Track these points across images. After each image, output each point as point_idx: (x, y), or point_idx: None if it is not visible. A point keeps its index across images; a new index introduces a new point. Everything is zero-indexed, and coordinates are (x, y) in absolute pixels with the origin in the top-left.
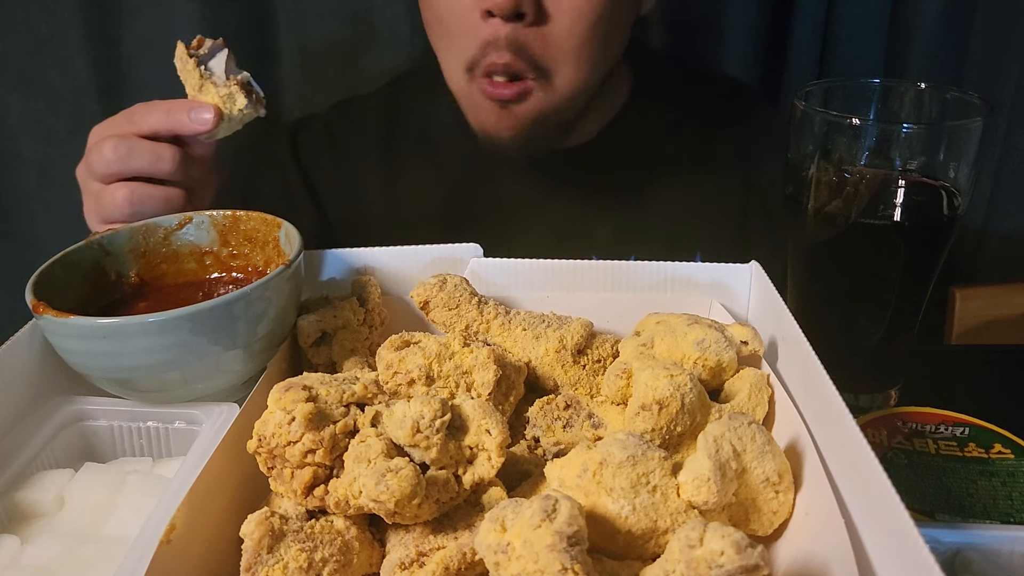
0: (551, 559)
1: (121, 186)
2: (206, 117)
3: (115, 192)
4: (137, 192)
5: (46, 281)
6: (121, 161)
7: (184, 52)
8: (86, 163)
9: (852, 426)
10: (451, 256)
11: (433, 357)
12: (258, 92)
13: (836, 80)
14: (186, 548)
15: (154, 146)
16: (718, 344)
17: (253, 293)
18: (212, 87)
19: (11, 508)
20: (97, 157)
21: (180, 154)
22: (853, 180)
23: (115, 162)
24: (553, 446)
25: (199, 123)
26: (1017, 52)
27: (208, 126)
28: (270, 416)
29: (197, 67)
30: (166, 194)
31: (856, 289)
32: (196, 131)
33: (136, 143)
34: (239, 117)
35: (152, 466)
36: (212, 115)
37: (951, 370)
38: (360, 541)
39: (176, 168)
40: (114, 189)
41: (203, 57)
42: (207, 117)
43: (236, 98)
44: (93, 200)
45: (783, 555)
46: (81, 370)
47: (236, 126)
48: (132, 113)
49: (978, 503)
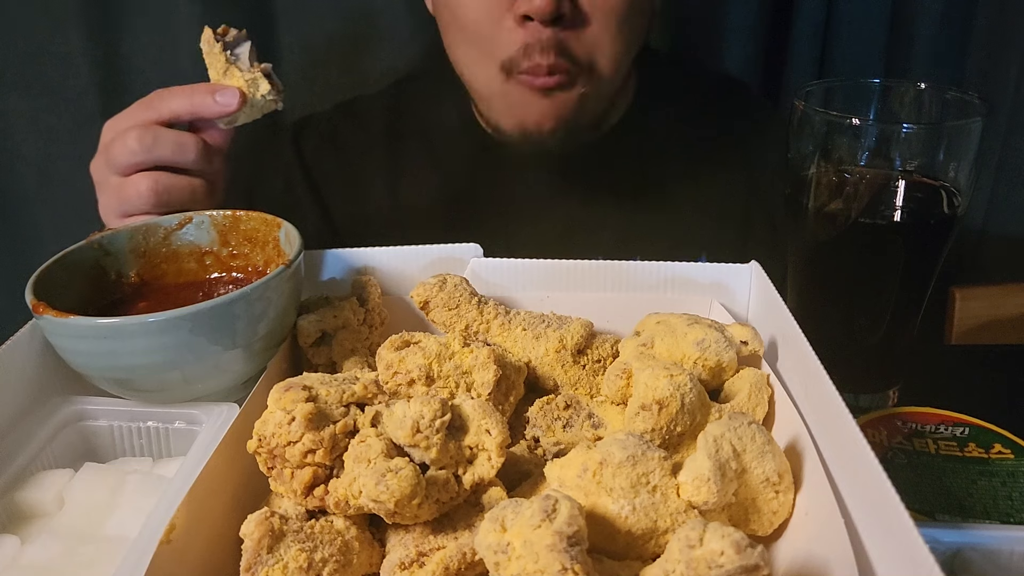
0: (551, 559)
1: (144, 176)
2: (231, 100)
3: (139, 183)
4: (162, 182)
5: (46, 281)
6: (146, 151)
7: (211, 36)
8: (105, 157)
9: (852, 426)
10: (451, 256)
11: (433, 357)
12: (278, 84)
13: (836, 80)
14: (186, 548)
15: (178, 135)
16: (718, 344)
17: (253, 293)
18: (237, 72)
19: (11, 508)
20: (121, 148)
21: (203, 143)
22: (853, 180)
23: (140, 152)
24: (553, 446)
25: (224, 105)
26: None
27: (233, 107)
28: (270, 416)
29: (223, 51)
30: (191, 184)
31: (856, 289)
32: (220, 113)
33: (160, 132)
34: (261, 103)
35: (152, 466)
36: (237, 98)
37: (951, 370)
38: (360, 541)
39: (200, 157)
40: (137, 180)
41: (229, 44)
42: (231, 100)
43: (260, 83)
44: (113, 195)
45: (783, 555)
46: (81, 370)
47: (257, 113)
48: (151, 101)
49: (978, 503)
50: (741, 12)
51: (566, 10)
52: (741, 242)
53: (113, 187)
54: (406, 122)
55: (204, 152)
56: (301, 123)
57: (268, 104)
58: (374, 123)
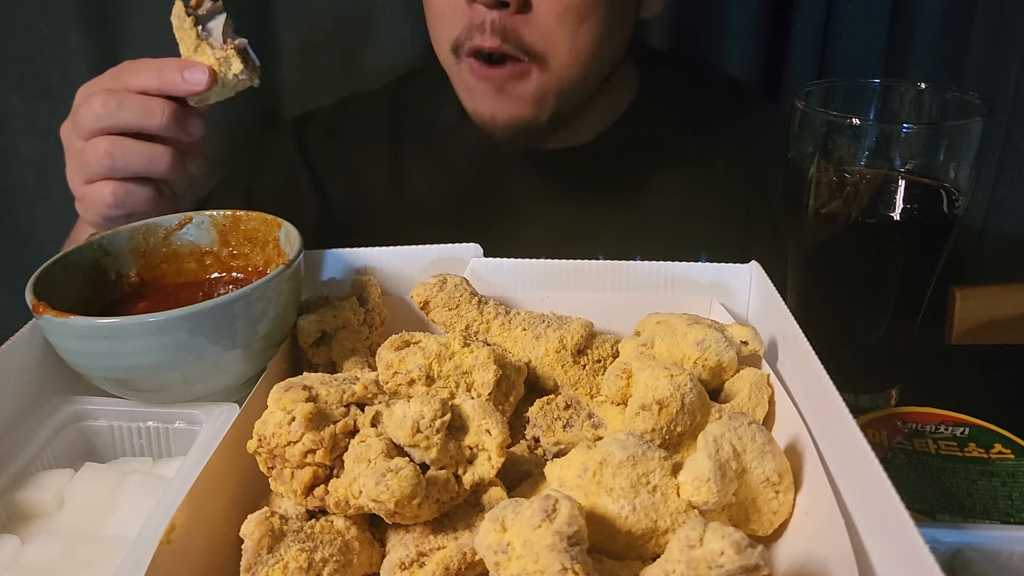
0: (551, 559)
1: (104, 139)
2: (199, 78)
3: (96, 146)
4: (120, 144)
5: (46, 281)
6: (109, 115)
7: (182, 10)
8: (72, 120)
9: (852, 426)
10: (451, 256)
11: (433, 357)
12: (254, 61)
13: (836, 80)
14: (186, 548)
15: (145, 100)
16: (718, 344)
17: (253, 293)
18: (208, 49)
19: (11, 508)
20: (86, 112)
21: (173, 109)
22: (853, 180)
23: (104, 116)
24: (553, 446)
25: (192, 84)
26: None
27: (201, 87)
28: (270, 416)
29: (195, 26)
30: (151, 150)
31: (856, 289)
32: (188, 92)
33: (126, 97)
34: (233, 83)
35: (152, 466)
36: (206, 77)
37: (951, 370)
38: (360, 541)
39: (168, 123)
40: (96, 143)
41: (201, 18)
42: (200, 78)
43: (232, 62)
44: (76, 159)
45: (783, 555)
46: (81, 370)
47: (229, 92)
48: (120, 72)
49: (978, 503)
50: (741, 12)
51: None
52: (742, 242)
53: (76, 151)
54: (408, 118)
55: (175, 118)
56: (303, 117)
57: (241, 83)
58: (376, 118)
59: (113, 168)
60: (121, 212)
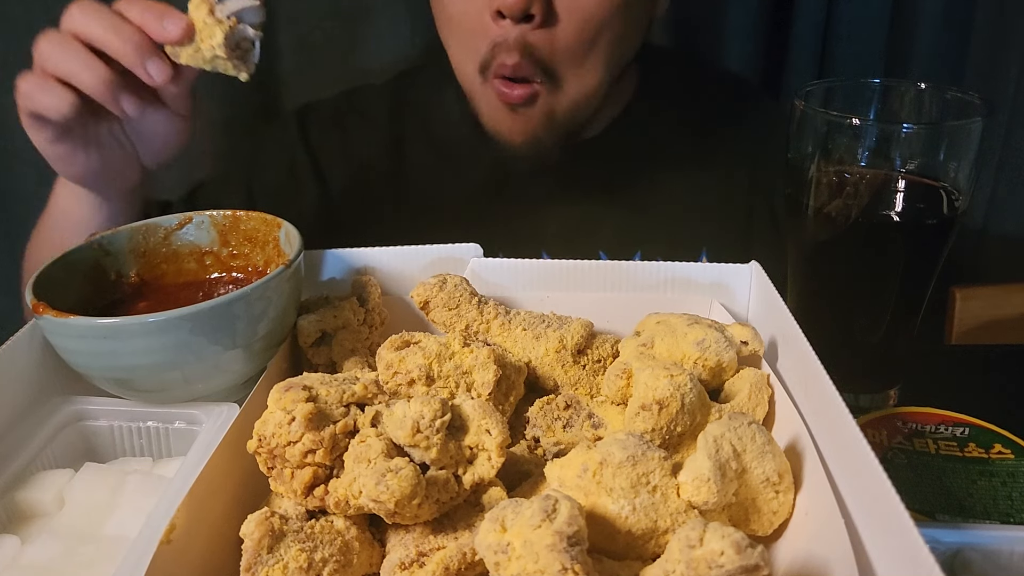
0: (551, 559)
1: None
2: (172, 28)
3: (50, 38)
4: (67, 43)
5: (46, 281)
6: (84, 25)
7: None
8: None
9: (852, 426)
10: (451, 256)
11: (433, 357)
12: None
13: (836, 80)
14: (186, 548)
15: (117, 22)
16: (718, 344)
17: (253, 293)
18: (205, 7)
19: (11, 508)
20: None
21: (139, 39)
22: (853, 180)
23: (77, 22)
24: (553, 446)
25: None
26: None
27: (172, 37)
28: (270, 416)
29: None
30: (92, 60)
31: (856, 289)
32: (160, 37)
33: (106, 14)
34: (210, 55)
35: (152, 466)
36: (179, 29)
37: (951, 370)
38: (360, 541)
39: (136, 51)
40: (51, 35)
41: None
42: (173, 29)
43: (215, 33)
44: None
45: (783, 555)
46: (81, 370)
47: (201, 62)
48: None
49: (978, 503)
50: (741, 12)
51: (536, 9)
52: (743, 240)
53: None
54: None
55: (138, 50)
56: (306, 108)
57: (221, 62)
58: (378, 113)
59: (51, 60)
60: (34, 108)
